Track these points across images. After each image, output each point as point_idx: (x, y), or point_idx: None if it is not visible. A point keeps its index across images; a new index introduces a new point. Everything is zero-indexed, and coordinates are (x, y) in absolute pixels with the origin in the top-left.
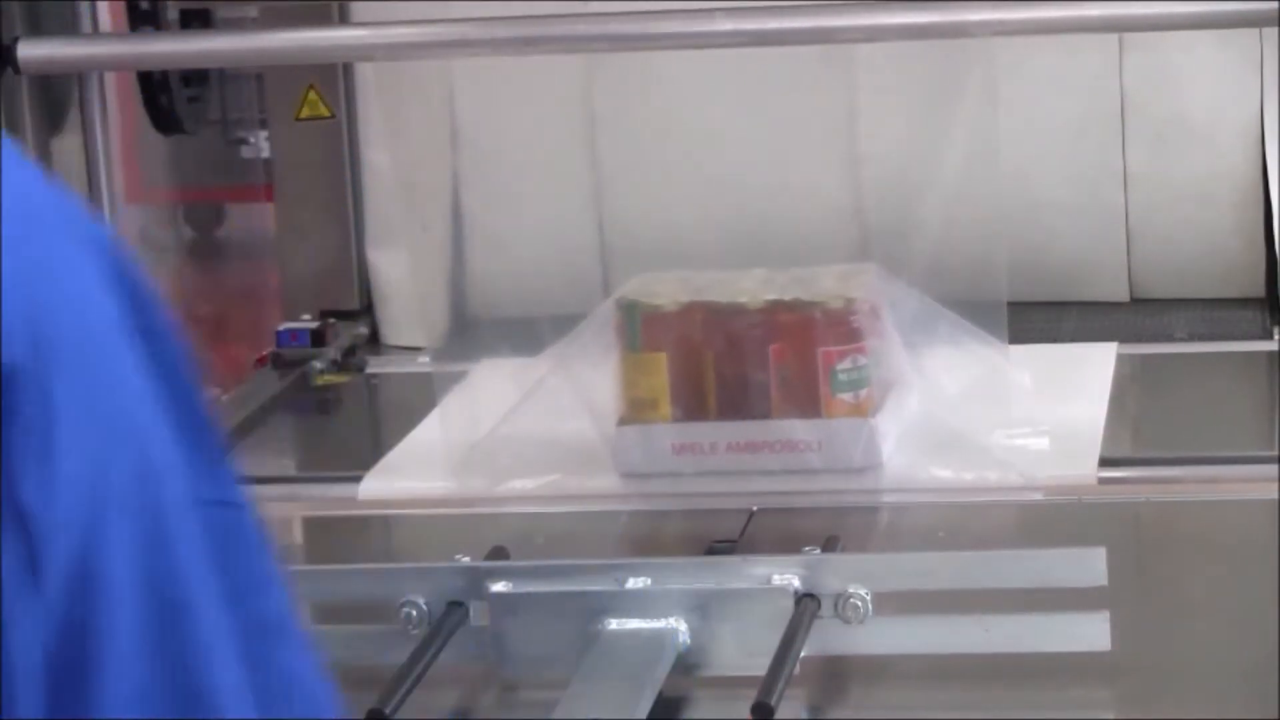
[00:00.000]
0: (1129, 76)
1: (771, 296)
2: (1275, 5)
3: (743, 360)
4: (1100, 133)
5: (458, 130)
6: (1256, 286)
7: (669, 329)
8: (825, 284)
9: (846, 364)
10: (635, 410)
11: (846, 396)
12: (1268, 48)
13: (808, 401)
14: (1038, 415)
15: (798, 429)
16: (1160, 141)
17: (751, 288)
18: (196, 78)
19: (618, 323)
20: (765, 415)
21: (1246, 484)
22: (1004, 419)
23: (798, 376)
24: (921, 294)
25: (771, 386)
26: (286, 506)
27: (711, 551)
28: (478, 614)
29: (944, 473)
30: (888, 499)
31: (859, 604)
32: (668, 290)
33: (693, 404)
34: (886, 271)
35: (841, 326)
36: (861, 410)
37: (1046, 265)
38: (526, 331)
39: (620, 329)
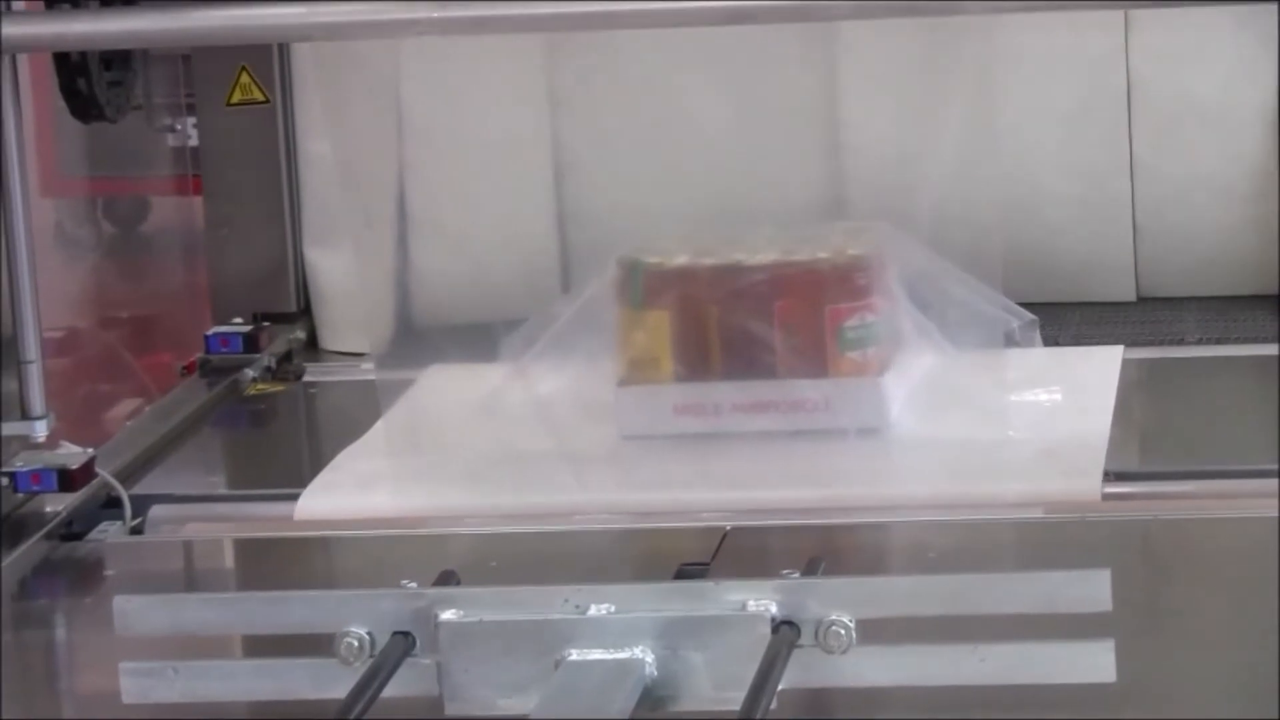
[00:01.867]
0: (1136, 58)
1: (777, 252)
2: None
3: (747, 318)
4: (1105, 119)
5: (404, 117)
6: (1274, 283)
7: (671, 286)
8: (832, 240)
9: (854, 321)
10: (636, 370)
11: (854, 355)
12: None
13: (814, 360)
14: (1048, 374)
15: (804, 388)
16: (1169, 128)
17: (756, 244)
18: (118, 60)
19: (619, 280)
20: (770, 375)
21: (1263, 500)
22: (1013, 378)
23: (804, 334)
24: (930, 252)
25: (777, 345)
26: (216, 527)
27: (681, 575)
28: (425, 645)
29: (953, 433)
30: (891, 459)
31: (842, 632)
32: (670, 247)
33: (696, 363)
34: (894, 228)
35: (849, 283)
36: (869, 369)
37: (1047, 263)
38: (479, 336)
39: (621, 286)
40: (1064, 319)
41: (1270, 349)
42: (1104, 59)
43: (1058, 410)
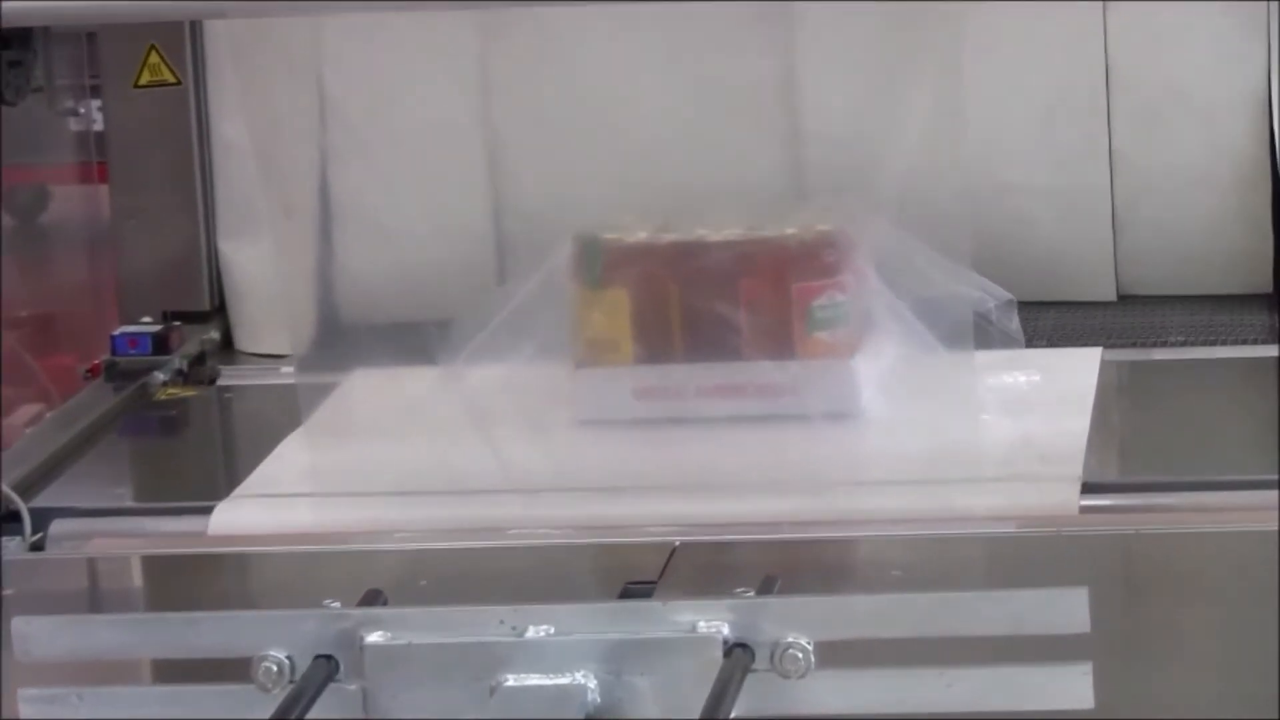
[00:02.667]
0: (1115, 41)
1: (741, 228)
2: None
3: (711, 297)
4: (1081, 105)
5: (327, 100)
6: (1263, 281)
7: (631, 263)
8: (801, 215)
9: (823, 300)
10: (594, 352)
11: (823, 336)
12: (1275, 5)
13: (781, 341)
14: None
15: (771, 371)
16: (1151, 116)
17: (719, 219)
18: (17, 39)
19: (575, 257)
20: (735, 357)
21: (1250, 513)
22: (990, 360)
23: (771, 314)
24: (900, 230)
25: (742, 325)
26: (123, 543)
27: (626, 594)
28: (350, 669)
29: (927, 418)
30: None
31: (799, 655)
32: (629, 223)
33: (657, 345)
34: (862, 204)
35: (818, 260)
36: (840, 351)
37: (1019, 259)
38: (408, 336)
39: (578, 264)
40: (1038, 319)
41: (1259, 350)
42: (1080, 41)
43: (1031, 417)
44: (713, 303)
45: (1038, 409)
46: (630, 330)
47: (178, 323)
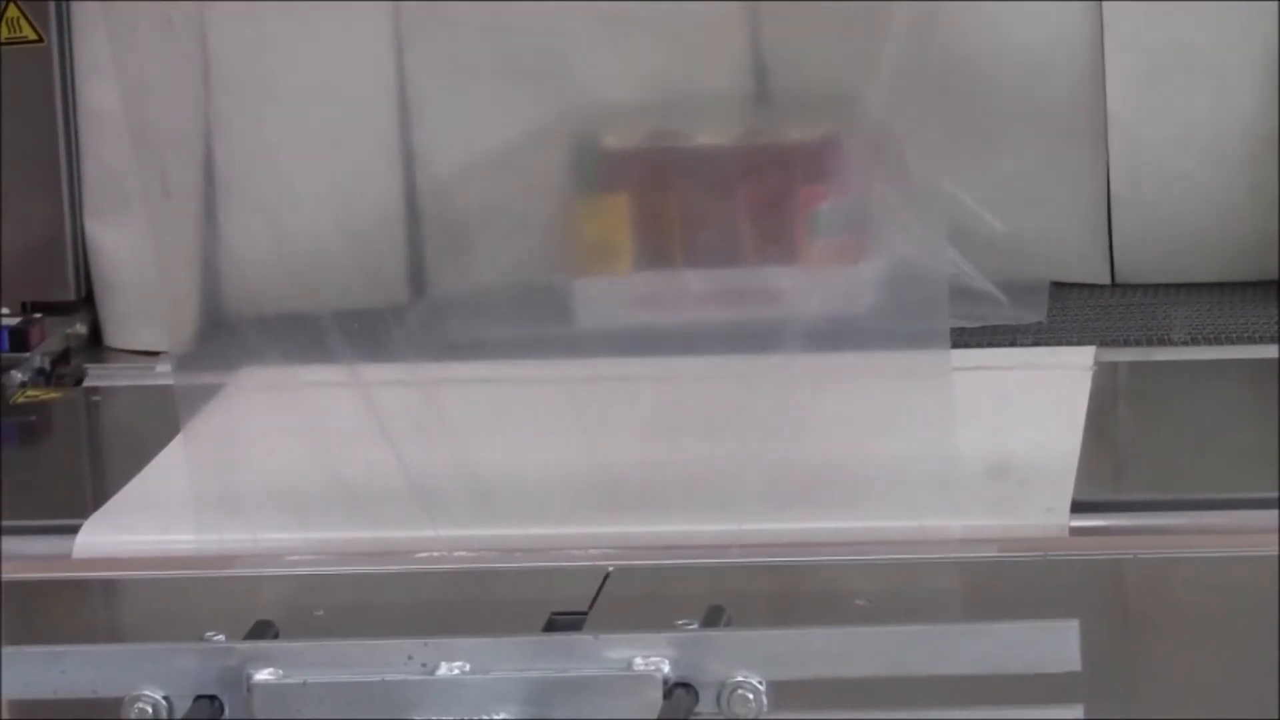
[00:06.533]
0: None
1: (745, 129)
2: None
3: (712, 201)
4: (1071, 65)
5: (212, 60)
6: (1277, 267)
7: (630, 168)
8: (805, 115)
9: (829, 204)
10: (592, 260)
11: (829, 241)
12: None
13: (785, 247)
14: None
15: (774, 277)
16: (1150, 77)
17: (722, 120)
18: None
19: (571, 163)
20: (738, 263)
21: (1261, 536)
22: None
23: (774, 218)
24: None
25: (744, 231)
26: None
27: (553, 626)
28: (235, 711)
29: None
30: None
31: (750, 696)
32: (624, 127)
33: (657, 252)
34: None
35: (823, 162)
36: (845, 256)
37: (1002, 242)
38: (303, 331)
39: (575, 170)
40: None
41: (1274, 350)
42: None
43: (1015, 426)
44: (714, 207)
45: (1022, 416)
46: (630, 236)
47: (39, 315)
